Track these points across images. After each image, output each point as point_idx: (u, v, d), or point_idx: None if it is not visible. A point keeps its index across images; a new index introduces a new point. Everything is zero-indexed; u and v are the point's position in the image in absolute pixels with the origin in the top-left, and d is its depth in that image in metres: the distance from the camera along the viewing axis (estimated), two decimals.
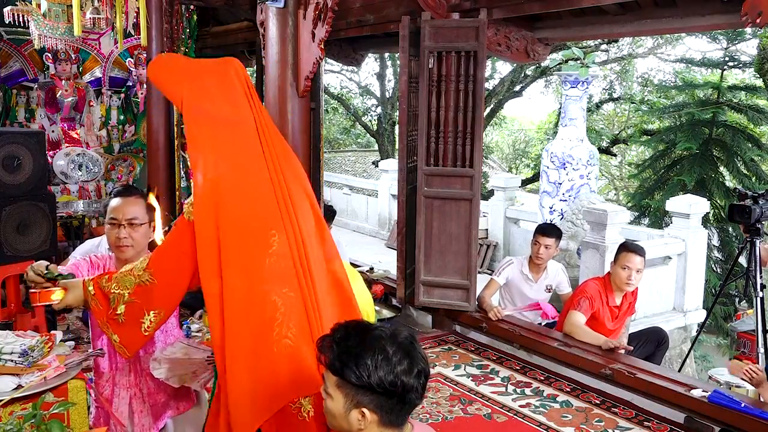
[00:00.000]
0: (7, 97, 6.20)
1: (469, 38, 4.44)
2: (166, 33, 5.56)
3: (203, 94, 1.92)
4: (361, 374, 1.51)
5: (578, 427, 3.47)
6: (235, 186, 1.87)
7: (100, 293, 2.02)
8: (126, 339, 2.01)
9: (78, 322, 5.00)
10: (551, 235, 4.57)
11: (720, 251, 9.94)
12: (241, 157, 1.90)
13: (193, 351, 2.35)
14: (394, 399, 1.52)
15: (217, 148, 1.89)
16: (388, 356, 1.52)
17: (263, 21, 3.58)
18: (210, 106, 1.91)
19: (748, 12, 3.13)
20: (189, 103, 1.93)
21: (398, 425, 1.57)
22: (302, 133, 3.71)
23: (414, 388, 1.53)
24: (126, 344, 2.02)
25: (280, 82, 3.60)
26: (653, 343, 4.44)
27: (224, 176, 1.86)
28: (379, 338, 1.55)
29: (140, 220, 2.38)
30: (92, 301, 2.03)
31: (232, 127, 1.91)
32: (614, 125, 16.17)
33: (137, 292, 1.96)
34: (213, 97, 1.92)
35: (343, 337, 1.56)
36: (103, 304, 2.01)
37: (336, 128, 21.55)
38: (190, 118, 1.92)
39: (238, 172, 1.88)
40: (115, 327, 2.01)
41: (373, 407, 1.53)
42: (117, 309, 1.98)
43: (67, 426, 2.02)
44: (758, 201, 3.90)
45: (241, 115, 1.92)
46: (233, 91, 1.94)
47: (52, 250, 3.76)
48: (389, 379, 1.50)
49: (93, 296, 2.02)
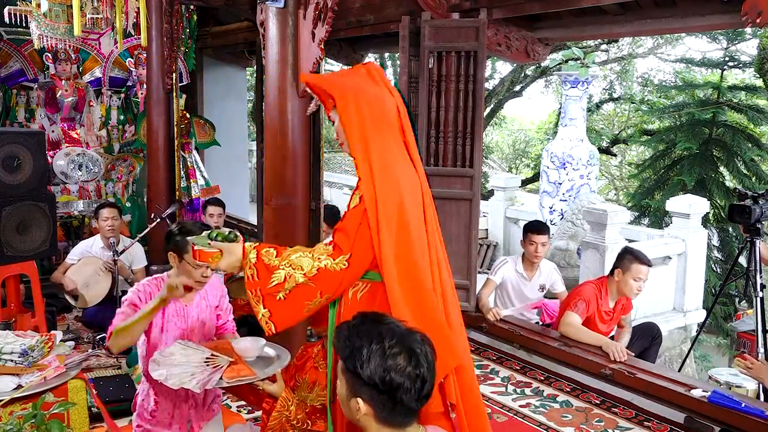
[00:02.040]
0: (7, 97, 6.20)
1: (469, 38, 4.44)
2: (166, 33, 5.56)
3: (361, 90, 2.02)
4: (355, 363, 1.51)
5: (578, 427, 3.47)
6: (403, 184, 1.99)
7: (262, 264, 1.96)
8: (279, 316, 1.96)
9: (78, 322, 5.01)
10: (544, 232, 4.59)
11: (720, 251, 9.93)
12: (400, 155, 2.03)
13: (191, 352, 2.35)
14: (385, 395, 1.50)
15: (383, 142, 2.00)
16: (383, 350, 1.50)
17: (263, 21, 3.58)
18: (366, 100, 2.01)
19: (748, 12, 3.12)
20: (348, 94, 2.00)
21: (396, 424, 1.55)
22: (302, 133, 3.71)
23: (406, 389, 1.49)
24: (276, 321, 1.96)
25: (280, 82, 3.59)
26: (647, 339, 4.46)
27: (396, 171, 1.98)
28: (384, 332, 1.53)
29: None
30: (249, 270, 1.97)
31: (391, 125, 2.04)
32: (614, 125, 16.15)
33: (318, 276, 1.92)
34: (369, 91, 2.03)
35: (356, 325, 1.56)
36: (261, 276, 1.96)
37: None
38: (354, 108, 1.99)
39: (403, 168, 2.02)
40: (269, 302, 1.96)
41: (368, 399, 1.52)
42: (283, 286, 1.94)
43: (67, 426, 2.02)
44: (758, 201, 3.89)
45: (391, 107, 2.04)
46: (380, 87, 2.06)
47: (52, 250, 3.75)
48: (379, 373, 1.49)
49: (253, 265, 1.97)
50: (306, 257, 1.95)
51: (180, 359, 2.29)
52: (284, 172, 3.70)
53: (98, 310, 4.68)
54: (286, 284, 1.93)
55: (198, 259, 2.04)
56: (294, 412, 2.23)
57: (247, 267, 1.97)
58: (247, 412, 3.51)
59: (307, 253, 1.97)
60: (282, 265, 1.95)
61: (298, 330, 3.68)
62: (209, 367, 2.25)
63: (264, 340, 2.44)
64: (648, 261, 4.05)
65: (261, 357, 2.39)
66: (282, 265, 1.95)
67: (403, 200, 1.96)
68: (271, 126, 3.70)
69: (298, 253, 1.97)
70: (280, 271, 1.94)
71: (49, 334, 2.36)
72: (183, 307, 2.70)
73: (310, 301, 1.95)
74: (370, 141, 1.98)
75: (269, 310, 1.96)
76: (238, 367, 2.27)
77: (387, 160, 1.99)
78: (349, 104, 1.99)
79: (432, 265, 2.02)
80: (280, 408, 2.24)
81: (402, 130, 2.07)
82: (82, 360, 2.36)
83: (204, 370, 2.23)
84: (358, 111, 1.99)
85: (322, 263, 1.93)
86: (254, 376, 2.23)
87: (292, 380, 2.36)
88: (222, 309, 2.82)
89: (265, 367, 2.30)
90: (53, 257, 5.08)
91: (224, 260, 2.00)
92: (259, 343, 2.41)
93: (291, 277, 1.93)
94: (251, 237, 7.13)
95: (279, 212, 3.72)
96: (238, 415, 3.37)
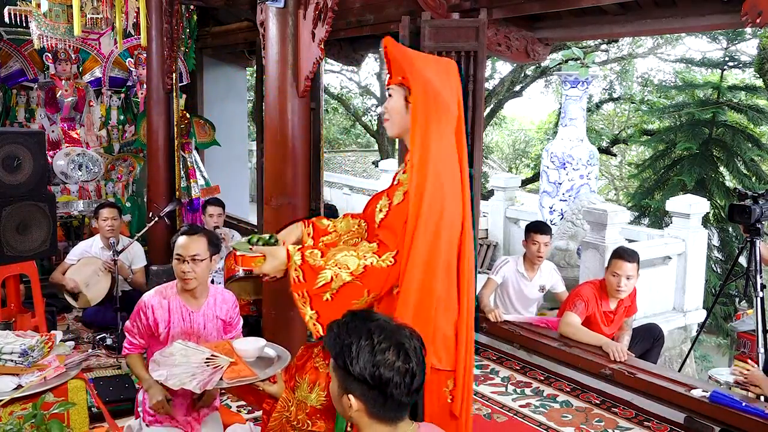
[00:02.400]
0: (7, 97, 6.20)
1: (469, 38, 4.43)
2: (166, 33, 5.56)
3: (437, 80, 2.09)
4: (345, 360, 1.51)
5: (578, 427, 3.47)
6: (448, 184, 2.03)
7: (308, 266, 1.96)
8: (327, 317, 1.95)
9: (78, 322, 5.01)
10: (546, 232, 4.60)
11: (720, 251, 9.93)
12: (452, 148, 2.09)
13: (191, 353, 2.35)
14: (375, 391, 1.51)
15: (441, 136, 2.05)
16: (372, 346, 1.50)
17: (263, 21, 3.58)
18: (439, 94, 2.08)
19: (748, 12, 3.12)
20: (426, 82, 2.05)
21: (387, 420, 1.55)
22: (302, 133, 3.71)
23: (396, 384, 1.50)
24: (324, 322, 1.96)
25: (280, 82, 3.59)
26: (649, 340, 4.45)
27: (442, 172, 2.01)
28: (373, 328, 1.53)
29: (201, 256, 2.66)
30: (295, 272, 1.97)
31: (451, 121, 2.11)
32: (614, 125, 16.15)
33: (365, 274, 1.94)
34: (442, 86, 2.11)
35: (345, 322, 1.56)
36: (307, 277, 1.96)
37: (336, 128, 21.52)
38: (424, 95, 2.04)
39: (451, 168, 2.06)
40: (316, 303, 1.96)
41: (359, 395, 1.52)
42: (330, 285, 1.94)
43: (67, 426, 2.02)
44: (758, 201, 3.89)
45: (455, 108, 2.13)
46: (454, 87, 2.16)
47: (52, 250, 3.75)
48: (369, 369, 1.49)
49: (298, 267, 1.97)
50: (351, 256, 1.95)
51: (180, 359, 2.30)
52: (284, 172, 3.70)
53: (98, 310, 4.68)
54: (332, 284, 1.94)
55: (241, 264, 2.04)
56: (294, 412, 2.23)
57: (293, 269, 1.97)
58: (247, 412, 3.51)
59: (352, 251, 1.98)
60: (328, 265, 1.95)
61: (298, 330, 3.69)
62: (209, 367, 2.25)
63: (264, 341, 2.44)
64: (625, 256, 4.03)
65: (261, 357, 2.39)
66: (328, 265, 1.95)
67: (443, 209, 1.99)
68: (271, 126, 3.70)
69: (343, 252, 1.98)
70: (327, 271, 1.95)
71: (49, 334, 2.36)
72: (189, 313, 2.71)
73: (357, 299, 1.96)
74: (431, 131, 2.02)
75: (317, 312, 1.96)
76: (239, 367, 2.27)
77: (442, 155, 2.03)
78: (421, 90, 2.04)
79: (452, 271, 2.06)
80: (280, 408, 2.24)
81: (458, 128, 2.14)
82: (82, 360, 2.36)
83: (204, 370, 2.23)
84: (426, 98, 2.03)
85: (368, 261, 1.94)
86: (255, 377, 2.23)
87: (292, 380, 2.36)
88: (231, 324, 2.84)
89: (265, 368, 2.30)
90: (53, 257, 5.08)
91: (268, 264, 2.01)
92: (260, 344, 2.41)
93: (338, 277, 1.94)
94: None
95: (279, 212, 3.72)
96: (238, 415, 3.37)
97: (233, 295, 2.89)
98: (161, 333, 2.68)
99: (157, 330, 2.67)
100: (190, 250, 2.64)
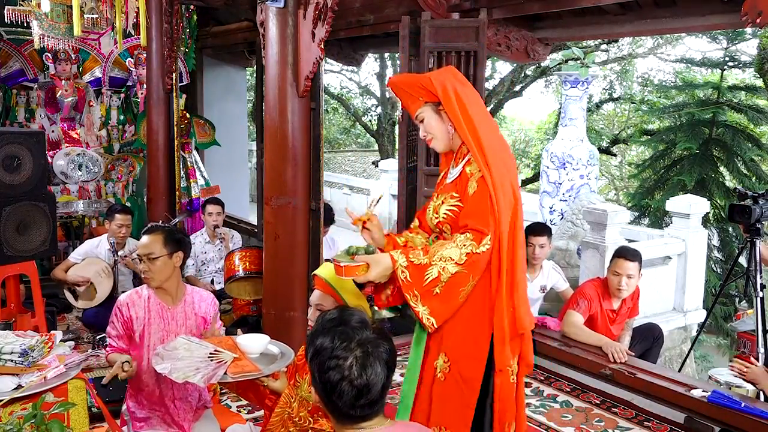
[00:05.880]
0: (7, 97, 6.20)
1: (469, 38, 4.43)
2: (166, 33, 5.56)
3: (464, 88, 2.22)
4: (310, 357, 1.51)
5: (578, 427, 3.47)
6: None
7: (413, 266, 2.04)
8: (439, 309, 2.05)
9: (78, 322, 5.01)
10: (543, 233, 4.57)
11: (720, 251, 9.92)
12: (496, 127, 2.30)
13: (195, 347, 2.35)
14: (323, 394, 1.47)
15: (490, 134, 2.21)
16: (330, 351, 1.45)
17: (263, 21, 3.58)
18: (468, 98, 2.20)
19: (748, 12, 3.12)
20: (447, 86, 2.18)
21: (348, 421, 1.49)
22: (302, 133, 3.71)
23: (340, 394, 1.43)
24: (437, 315, 2.05)
25: (280, 82, 3.60)
26: (649, 340, 4.45)
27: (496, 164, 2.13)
28: (339, 334, 1.47)
29: (155, 254, 2.64)
30: (402, 273, 2.04)
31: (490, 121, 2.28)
32: (614, 125, 16.15)
33: (468, 262, 2.02)
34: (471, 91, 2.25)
35: (330, 319, 1.54)
36: (414, 276, 2.03)
37: (336, 128, 21.52)
38: (465, 99, 2.18)
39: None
40: (427, 299, 2.04)
41: (317, 393, 1.51)
42: (439, 279, 2.02)
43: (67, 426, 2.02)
44: (758, 201, 3.89)
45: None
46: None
47: (52, 250, 3.75)
48: (318, 372, 1.47)
49: (404, 268, 2.04)
50: (452, 248, 2.03)
51: (184, 354, 2.29)
52: (284, 172, 3.70)
53: (98, 310, 4.68)
54: (441, 277, 2.02)
55: (345, 275, 2.08)
56: (296, 409, 2.23)
57: (399, 271, 2.04)
58: (247, 412, 3.51)
59: (450, 244, 2.05)
60: (433, 261, 2.03)
61: (297, 330, 3.69)
62: (213, 362, 2.24)
63: (268, 337, 2.44)
64: (627, 255, 4.04)
65: (264, 354, 2.39)
66: (433, 261, 2.03)
67: (512, 181, 2.15)
68: (271, 126, 3.70)
69: (443, 246, 2.06)
70: (433, 267, 2.02)
71: (49, 334, 2.36)
72: (167, 309, 2.71)
73: (463, 286, 2.05)
74: (472, 113, 2.16)
75: (428, 307, 2.04)
76: (243, 363, 2.27)
77: (494, 144, 2.17)
78: (442, 89, 2.16)
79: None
80: (282, 405, 2.25)
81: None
82: (82, 360, 2.36)
83: (208, 365, 2.23)
84: (450, 93, 2.15)
85: (468, 248, 2.02)
86: (259, 372, 2.23)
87: (292, 379, 2.37)
88: (208, 321, 2.83)
89: (268, 364, 2.30)
90: (53, 257, 5.07)
91: (373, 271, 2.06)
92: (263, 340, 2.41)
93: (444, 270, 2.02)
94: (251, 237, 7.13)
95: (279, 212, 3.72)
96: (237, 415, 3.37)
97: (211, 294, 2.90)
98: (136, 330, 2.66)
99: (132, 327, 2.66)
100: (144, 249, 2.65)
